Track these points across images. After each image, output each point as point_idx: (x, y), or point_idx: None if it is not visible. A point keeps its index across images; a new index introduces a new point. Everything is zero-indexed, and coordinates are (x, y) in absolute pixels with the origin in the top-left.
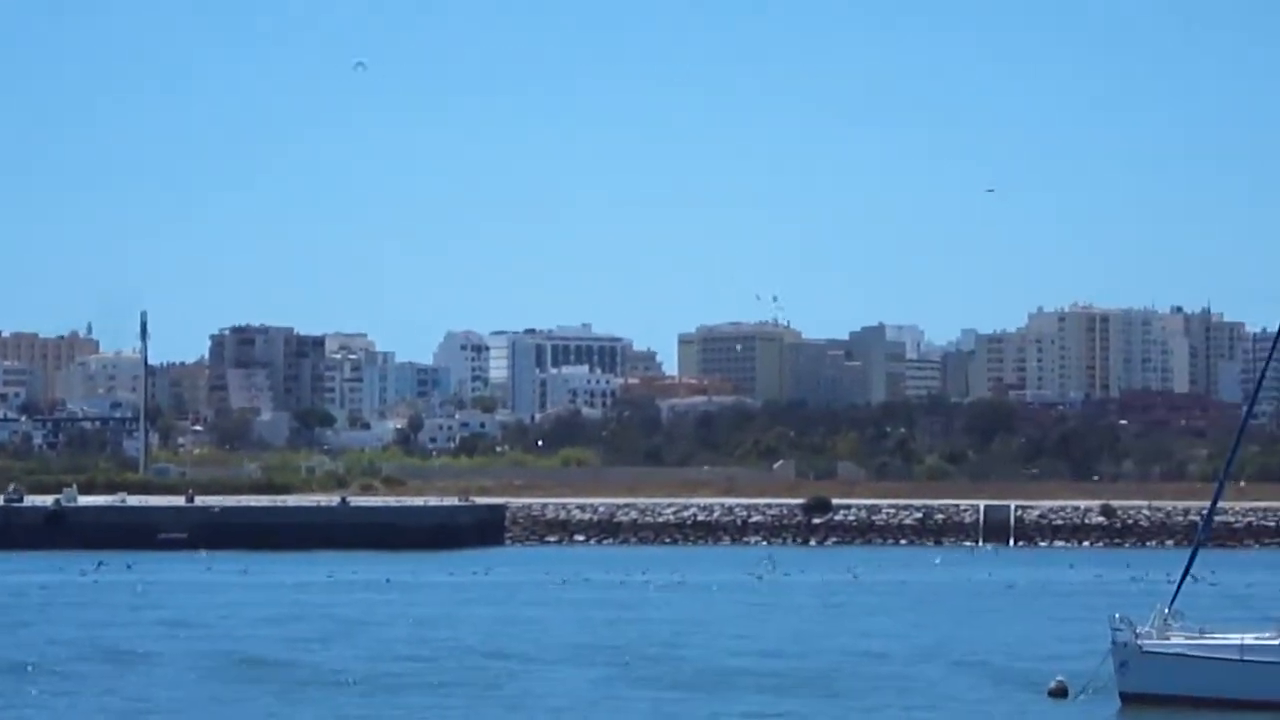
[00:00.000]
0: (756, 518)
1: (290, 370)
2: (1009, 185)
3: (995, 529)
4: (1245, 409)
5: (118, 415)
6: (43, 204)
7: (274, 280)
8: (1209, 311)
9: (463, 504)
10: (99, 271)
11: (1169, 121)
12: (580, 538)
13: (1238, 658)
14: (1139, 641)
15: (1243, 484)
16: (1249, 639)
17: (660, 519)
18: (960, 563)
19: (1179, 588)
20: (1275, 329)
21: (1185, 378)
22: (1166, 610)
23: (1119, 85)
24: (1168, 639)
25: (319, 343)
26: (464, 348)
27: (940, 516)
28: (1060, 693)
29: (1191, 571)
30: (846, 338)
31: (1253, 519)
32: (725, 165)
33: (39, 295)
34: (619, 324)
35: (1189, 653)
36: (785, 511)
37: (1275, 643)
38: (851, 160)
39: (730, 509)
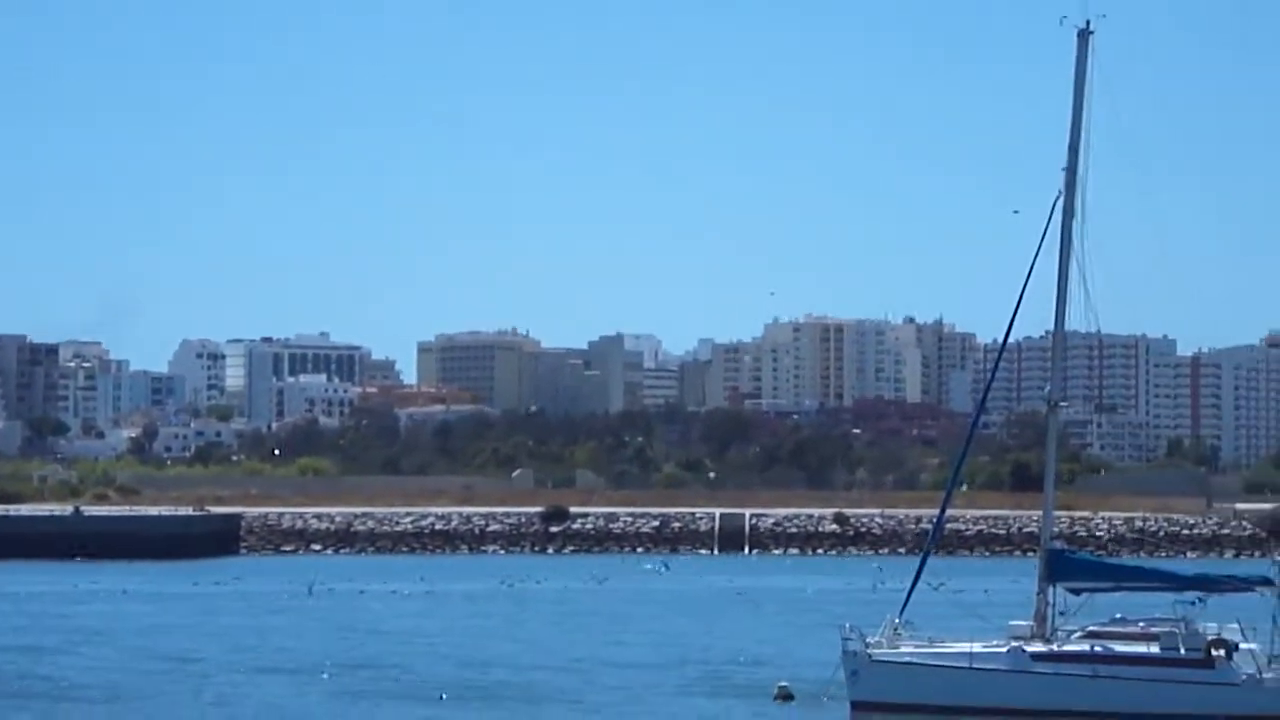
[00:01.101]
0: (495, 526)
1: (23, 379)
2: (749, 195)
3: (731, 537)
4: (973, 419)
5: None
6: None
7: (6, 288)
8: (941, 322)
9: (198, 514)
10: None
11: (899, 134)
12: (317, 547)
13: (967, 665)
14: (869, 650)
15: (965, 489)
16: (978, 647)
17: (398, 528)
18: (697, 570)
19: (909, 596)
20: (1003, 341)
21: (918, 387)
22: (897, 619)
23: (840, 94)
24: (898, 648)
25: (52, 350)
26: (199, 356)
27: (677, 525)
28: (785, 698)
29: (924, 579)
30: (585, 347)
31: (983, 527)
32: (462, 176)
33: None
34: (357, 332)
35: (918, 661)
36: (523, 520)
37: (1004, 650)
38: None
39: (468, 518)
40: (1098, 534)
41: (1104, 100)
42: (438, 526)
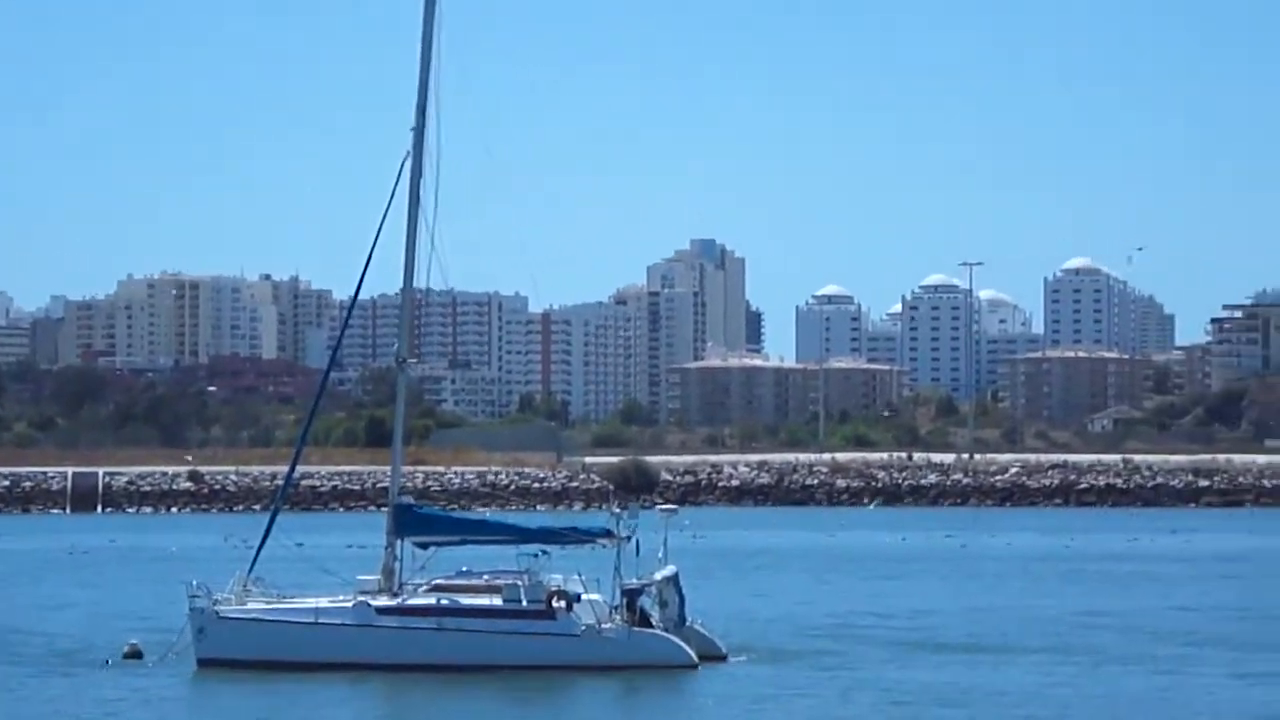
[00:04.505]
0: None
1: None
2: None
3: (84, 497)
4: (323, 375)
5: None
6: None
7: None
8: (297, 280)
9: None
10: None
11: (265, 92)
12: None
13: (313, 621)
14: (216, 608)
15: (330, 447)
16: (324, 602)
17: None
18: (41, 530)
19: (258, 552)
20: (352, 298)
21: (274, 344)
22: (246, 576)
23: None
24: (245, 604)
25: None
26: None
27: (29, 484)
28: (134, 655)
29: (286, 537)
30: None
31: (338, 482)
32: None
33: None
34: None
35: (265, 617)
36: None
37: (350, 605)
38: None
39: None
40: (450, 488)
41: (453, 60)
42: None
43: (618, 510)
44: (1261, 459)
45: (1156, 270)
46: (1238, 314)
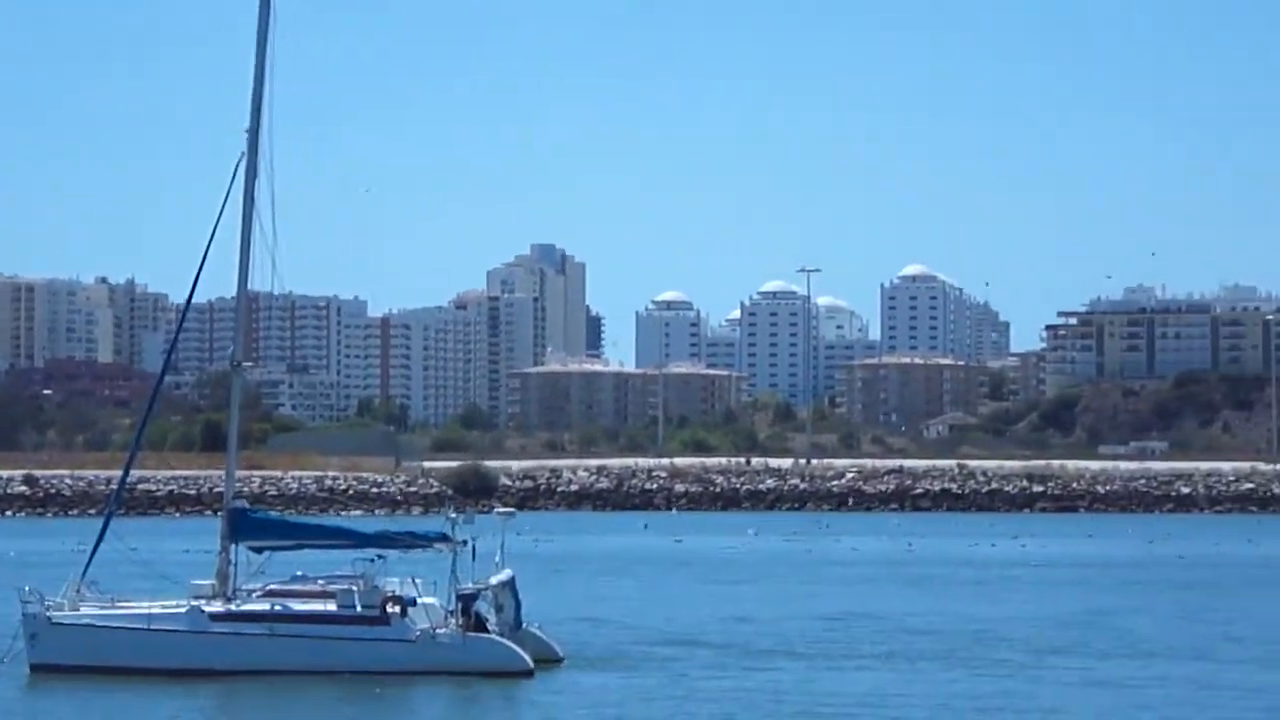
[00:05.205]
0: None
1: None
2: None
3: None
4: (158, 379)
5: None
6: None
7: None
8: (134, 283)
9: None
10: None
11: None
12: None
13: (145, 626)
14: (49, 613)
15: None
16: (158, 608)
17: None
18: None
19: (91, 557)
20: (186, 301)
21: (110, 348)
22: (80, 581)
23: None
24: (79, 610)
25: None
26: None
27: None
28: None
29: (123, 542)
30: None
31: (174, 487)
32: None
33: None
34: None
35: (98, 623)
36: None
37: (183, 611)
38: None
39: None
40: (288, 493)
41: (291, 64)
42: None
43: (454, 515)
44: (1094, 465)
45: (992, 277)
46: (1072, 321)
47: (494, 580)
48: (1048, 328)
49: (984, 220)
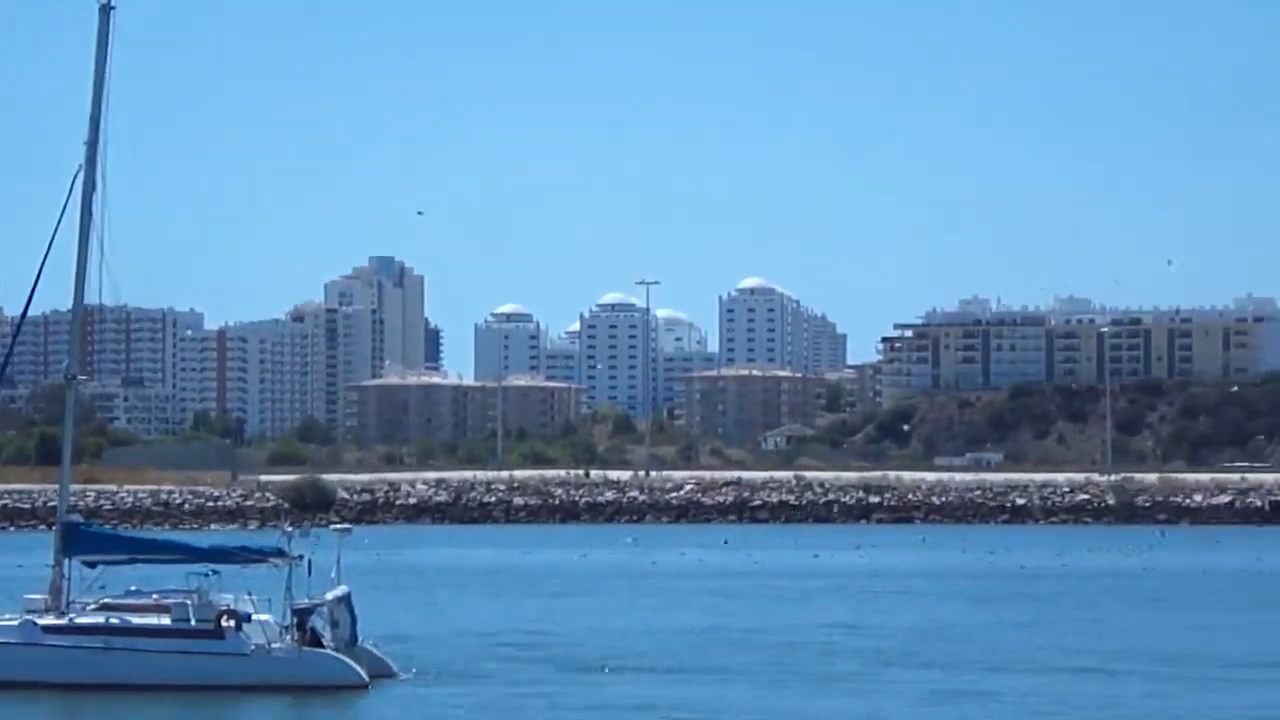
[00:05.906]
0: None
1: None
2: None
3: None
4: None
5: None
6: None
7: None
8: None
9: None
10: None
11: None
12: None
13: None
14: None
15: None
16: None
17: None
18: None
19: None
20: (21, 314)
21: None
22: None
23: None
24: None
25: None
26: None
27: None
28: None
29: None
30: None
31: (8, 501)
32: None
33: None
34: None
35: None
36: None
37: (15, 624)
38: None
39: None
40: (123, 507)
41: (131, 76)
42: None
43: (289, 529)
44: (930, 476)
45: (829, 290)
46: (908, 333)
47: (330, 595)
48: (884, 340)
49: (822, 233)
